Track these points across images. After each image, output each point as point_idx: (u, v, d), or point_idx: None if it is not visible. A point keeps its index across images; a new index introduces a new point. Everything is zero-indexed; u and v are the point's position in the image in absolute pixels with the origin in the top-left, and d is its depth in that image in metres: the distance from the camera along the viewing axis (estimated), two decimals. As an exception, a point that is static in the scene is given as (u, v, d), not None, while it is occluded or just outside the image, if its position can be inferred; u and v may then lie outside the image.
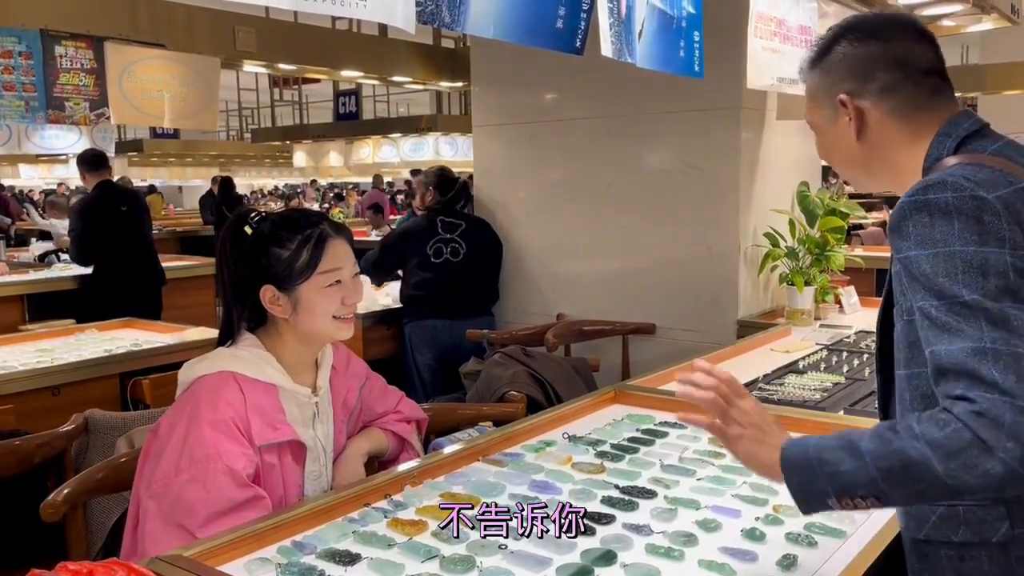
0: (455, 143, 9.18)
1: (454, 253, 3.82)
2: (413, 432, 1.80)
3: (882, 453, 0.99)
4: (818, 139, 1.30)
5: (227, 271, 1.53)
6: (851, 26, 1.25)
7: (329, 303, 1.51)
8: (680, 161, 3.39)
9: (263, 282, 1.49)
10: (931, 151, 1.18)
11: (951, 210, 1.02)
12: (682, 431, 1.89)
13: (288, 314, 1.51)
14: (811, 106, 1.28)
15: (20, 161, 13.03)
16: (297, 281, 1.49)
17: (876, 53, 1.21)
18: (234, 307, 1.53)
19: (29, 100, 3.55)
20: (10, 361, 2.93)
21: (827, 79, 1.24)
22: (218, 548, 1.27)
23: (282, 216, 1.56)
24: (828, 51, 1.24)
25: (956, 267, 1.00)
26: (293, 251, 1.49)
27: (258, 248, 1.50)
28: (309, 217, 1.56)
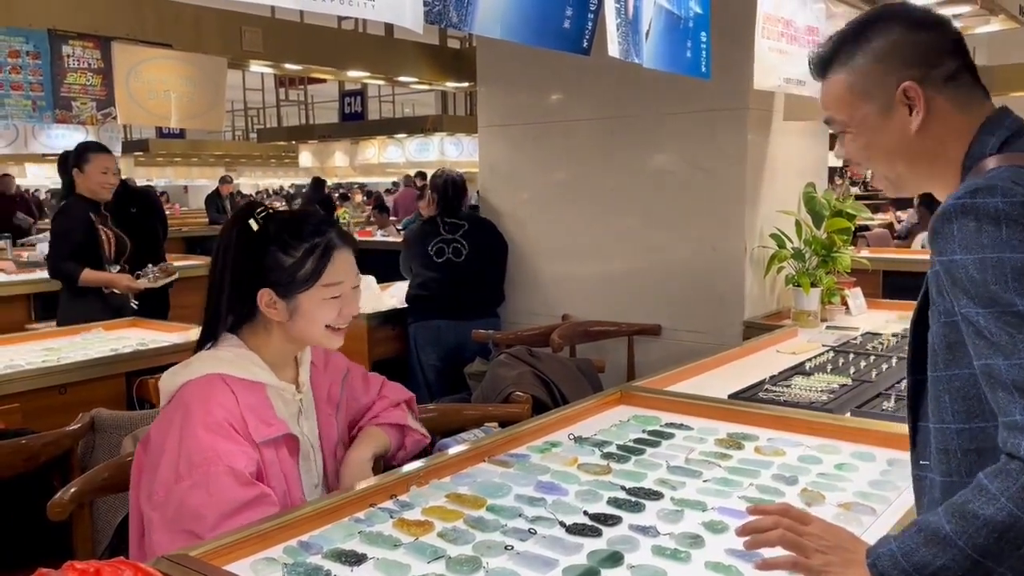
0: (460, 143, 9.19)
1: (456, 253, 3.83)
2: (407, 414, 1.78)
3: (970, 531, 0.94)
4: (855, 137, 1.20)
5: (226, 268, 1.49)
6: (894, 13, 1.18)
7: (326, 314, 1.50)
8: (686, 162, 3.38)
9: (262, 285, 1.47)
10: (973, 149, 1.13)
11: (1000, 215, 0.98)
12: (688, 432, 1.89)
13: (283, 319, 1.49)
14: (851, 100, 1.18)
15: (27, 161, 13.07)
16: (298, 290, 1.47)
17: (937, 39, 1.16)
18: (226, 305, 1.50)
19: (36, 100, 3.56)
20: (16, 360, 2.94)
21: (881, 67, 1.16)
22: (224, 548, 1.26)
23: (289, 219, 1.52)
24: (866, 40, 1.17)
25: (1005, 274, 0.96)
26: (297, 259, 1.47)
27: (261, 250, 1.47)
28: (317, 224, 1.51)
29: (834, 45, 1.22)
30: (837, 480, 1.58)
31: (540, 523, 1.39)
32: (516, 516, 1.42)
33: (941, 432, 1.12)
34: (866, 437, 1.81)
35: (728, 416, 1.99)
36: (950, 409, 1.11)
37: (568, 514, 1.43)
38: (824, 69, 1.23)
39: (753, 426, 1.92)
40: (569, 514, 1.43)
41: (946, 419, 1.11)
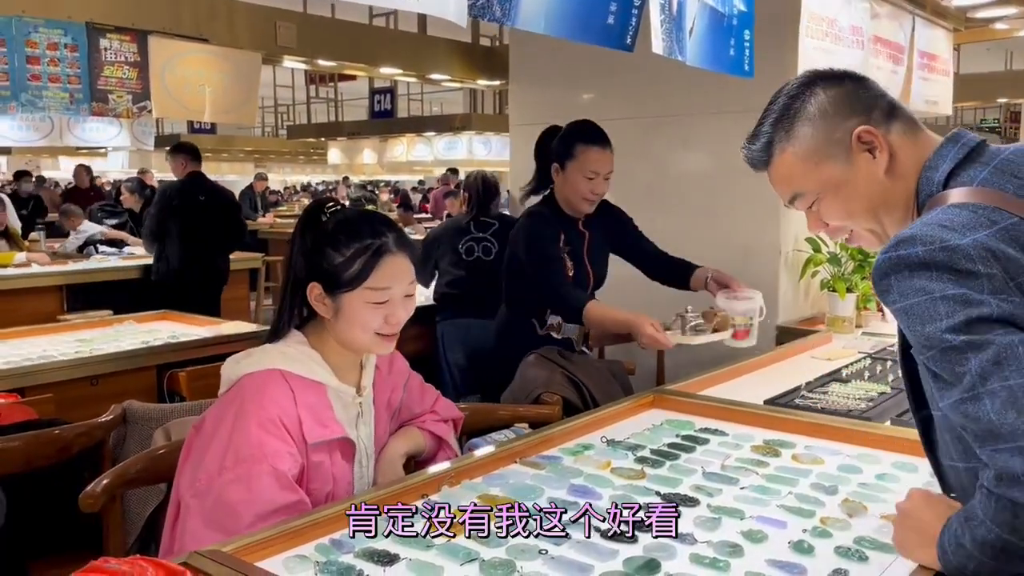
0: (489, 142, 9.18)
1: (486, 252, 3.82)
2: (450, 432, 1.79)
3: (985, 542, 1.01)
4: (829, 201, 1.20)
5: (290, 263, 1.50)
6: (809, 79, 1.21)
7: (371, 319, 1.47)
8: (721, 163, 3.34)
9: (312, 279, 1.47)
10: (921, 186, 1.14)
11: (925, 263, 1.01)
12: (723, 438, 1.85)
13: (331, 316, 1.49)
14: (810, 167, 1.18)
15: (60, 153, 13.26)
16: (343, 289, 1.46)
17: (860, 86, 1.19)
18: (288, 300, 1.51)
19: (74, 92, 3.60)
20: (50, 351, 2.96)
21: (825, 125, 1.17)
22: (256, 544, 1.25)
23: (349, 217, 1.51)
24: (798, 110, 1.19)
25: (938, 310, 1.00)
26: (347, 258, 1.45)
27: (316, 244, 1.47)
28: (375, 225, 1.49)
29: (768, 128, 1.22)
30: (879, 491, 1.54)
31: (574, 527, 1.36)
32: (549, 519, 1.40)
33: (954, 470, 1.15)
34: (907, 447, 1.76)
35: (764, 422, 1.95)
36: (952, 448, 1.13)
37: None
38: (767, 154, 1.23)
39: (790, 433, 1.88)
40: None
41: (954, 457, 1.13)
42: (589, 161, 2.50)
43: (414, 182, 19.86)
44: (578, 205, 2.57)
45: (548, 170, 2.60)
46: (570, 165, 2.52)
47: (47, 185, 14.29)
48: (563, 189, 2.56)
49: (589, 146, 2.51)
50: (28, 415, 2.13)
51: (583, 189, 2.52)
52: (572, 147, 2.52)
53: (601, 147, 2.53)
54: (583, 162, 2.51)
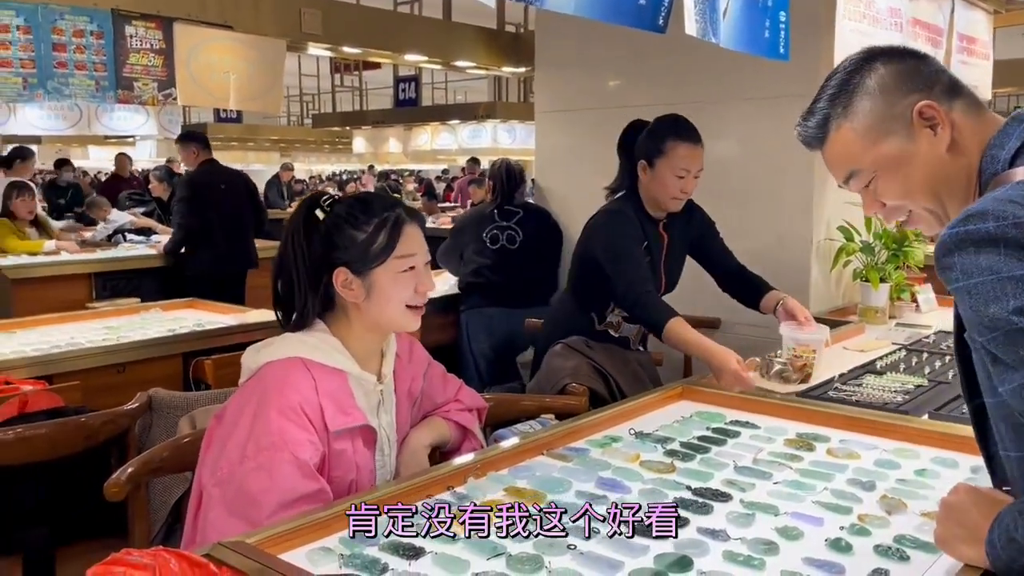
0: (513, 130, 9.13)
1: (510, 240, 3.79)
2: (475, 421, 1.77)
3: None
4: (887, 179, 1.15)
5: (300, 254, 1.48)
6: (870, 55, 1.17)
7: (403, 290, 1.48)
8: (751, 150, 3.28)
9: (337, 265, 1.46)
10: (985, 165, 1.10)
11: (995, 239, 0.96)
12: (755, 431, 1.81)
13: (360, 299, 1.48)
14: (868, 144, 1.14)
15: (89, 142, 13.39)
16: (373, 264, 1.46)
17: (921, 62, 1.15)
18: (307, 291, 1.48)
19: (99, 80, 3.60)
20: (77, 338, 2.98)
21: (884, 100, 1.13)
22: (280, 536, 1.24)
23: (358, 199, 1.53)
24: (857, 85, 1.15)
25: (1005, 290, 0.94)
26: (369, 233, 1.46)
27: (334, 229, 1.46)
28: (384, 201, 1.53)
29: (825, 104, 1.18)
30: (918, 487, 1.49)
31: (603, 522, 1.34)
32: (578, 513, 1.37)
33: (1008, 461, 1.10)
34: (947, 442, 1.71)
35: (797, 415, 1.91)
36: (1007, 437, 1.08)
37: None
38: (823, 131, 1.18)
39: (824, 426, 1.84)
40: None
41: (1008, 447, 1.09)
42: (680, 158, 2.39)
43: (438, 171, 19.85)
44: (666, 204, 2.47)
45: (632, 167, 2.50)
46: (660, 162, 2.40)
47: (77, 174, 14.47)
48: (651, 187, 2.46)
49: (680, 142, 2.40)
50: (55, 402, 2.14)
51: (672, 187, 2.41)
52: (662, 143, 2.41)
53: (693, 143, 2.42)
54: (673, 159, 2.39)
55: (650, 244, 2.51)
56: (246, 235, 5.27)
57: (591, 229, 2.54)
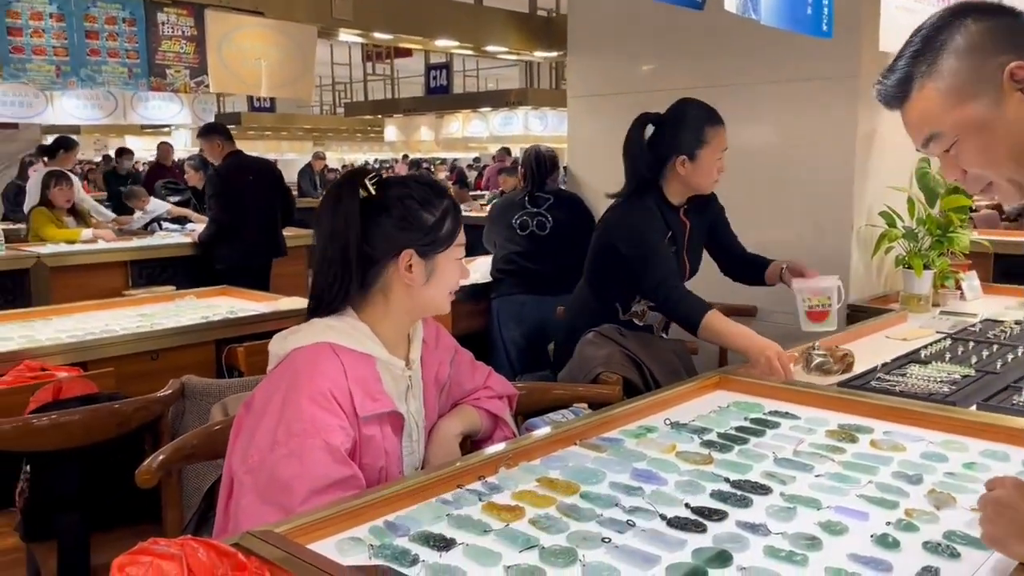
0: (545, 117, 9.05)
1: (540, 226, 3.75)
2: (506, 408, 1.74)
3: None
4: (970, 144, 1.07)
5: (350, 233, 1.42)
6: (959, 10, 1.09)
7: (454, 276, 1.51)
8: (789, 134, 3.20)
9: (404, 246, 1.44)
10: None
11: None
12: (795, 422, 1.76)
13: (418, 282, 1.47)
14: (952, 106, 1.06)
15: (127, 132, 13.57)
16: (439, 249, 1.47)
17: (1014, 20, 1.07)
18: (352, 273, 1.44)
19: (132, 67, 3.62)
20: (112, 325, 3.00)
21: (973, 60, 1.05)
22: (310, 525, 1.22)
23: (421, 181, 1.53)
24: (944, 42, 1.07)
25: None
26: (438, 218, 1.47)
27: (405, 209, 1.45)
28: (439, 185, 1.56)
29: (907, 62, 1.10)
30: (968, 481, 1.43)
31: (638, 514, 1.30)
32: (612, 505, 1.33)
33: None
34: (996, 434, 1.64)
35: (838, 406, 1.85)
36: None
37: (668, 506, 1.33)
38: (903, 90, 1.10)
39: (866, 417, 1.78)
40: (669, 506, 1.33)
41: None
42: (720, 141, 2.44)
43: (470, 159, 19.83)
44: (707, 188, 2.51)
45: (655, 162, 2.47)
46: (703, 152, 2.43)
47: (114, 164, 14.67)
48: (693, 178, 2.46)
49: (717, 126, 2.45)
50: (88, 389, 2.15)
51: (714, 171, 2.46)
52: (702, 133, 2.43)
53: (722, 124, 2.47)
54: (715, 144, 2.44)
55: (674, 233, 2.51)
56: (275, 225, 5.29)
57: (611, 224, 2.52)
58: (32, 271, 4.81)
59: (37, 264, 4.82)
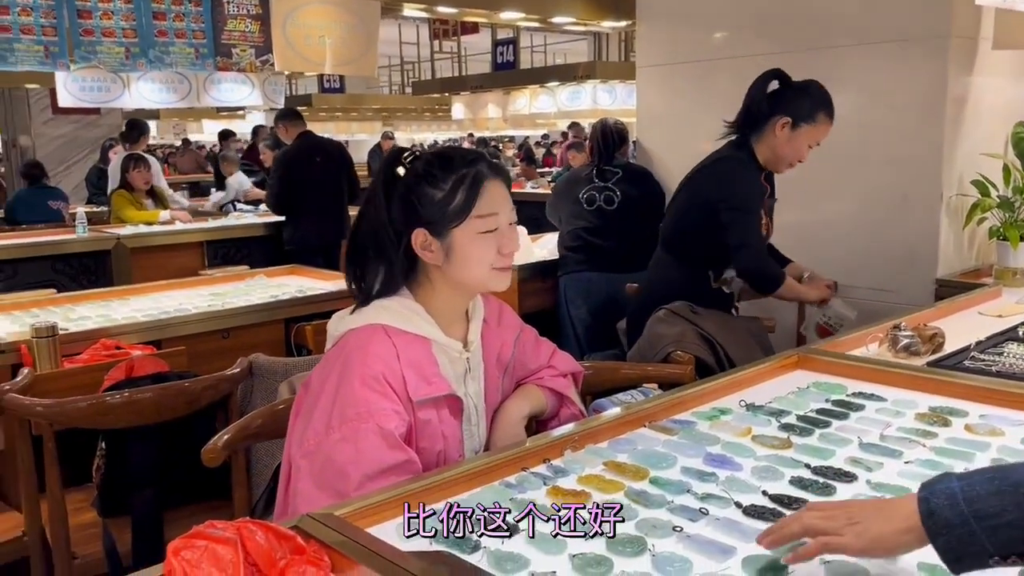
0: (614, 91, 8.86)
1: (608, 201, 3.65)
2: (571, 386, 1.67)
3: None
4: None
5: (380, 215, 1.40)
6: None
7: (484, 251, 1.39)
8: (873, 101, 3.02)
9: (415, 225, 1.38)
10: None
11: None
12: (881, 404, 1.65)
13: (440, 261, 1.40)
14: None
15: (203, 116, 13.91)
16: (451, 225, 1.37)
17: None
18: (392, 255, 1.41)
19: (199, 47, 3.65)
20: (185, 304, 3.06)
21: None
22: (369, 509, 1.19)
23: (437, 154, 1.43)
24: None
25: None
26: (447, 192, 1.37)
27: (410, 188, 1.38)
28: (465, 156, 1.42)
29: None
30: (1076, 470, 1.31)
31: (712, 502, 1.23)
32: (683, 492, 1.27)
33: None
34: (1107, 419, 1.51)
35: (928, 386, 1.73)
36: None
37: (744, 493, 1.26)
38: None
39: (960, 399, 1.66)
40: (746, 493, 1.26)
41: None
42: (821, 133, 2.45)
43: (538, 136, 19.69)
44: (781, 166, 2.50)
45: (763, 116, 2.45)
46: (805, 127, 2.42)
47: (192, 147, 15.08)
48: (781, 146, 2.44)
49: (828, 119, 2.44)
50: (159, 367, 2.18)
51: (800, 155, 2.46)
52: (816, 113, 2.42)
53: (832, 120, 2.47)
54: (817, 132, 2.44)
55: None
56: (341, 206, 5.33)
57: (717, 176, 2.47)
58: (113, 252, 4.97)
59: (118, 245, 4.97)
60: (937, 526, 0.88)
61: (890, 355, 1.97)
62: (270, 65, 3.92)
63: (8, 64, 3.28)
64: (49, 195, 6.59)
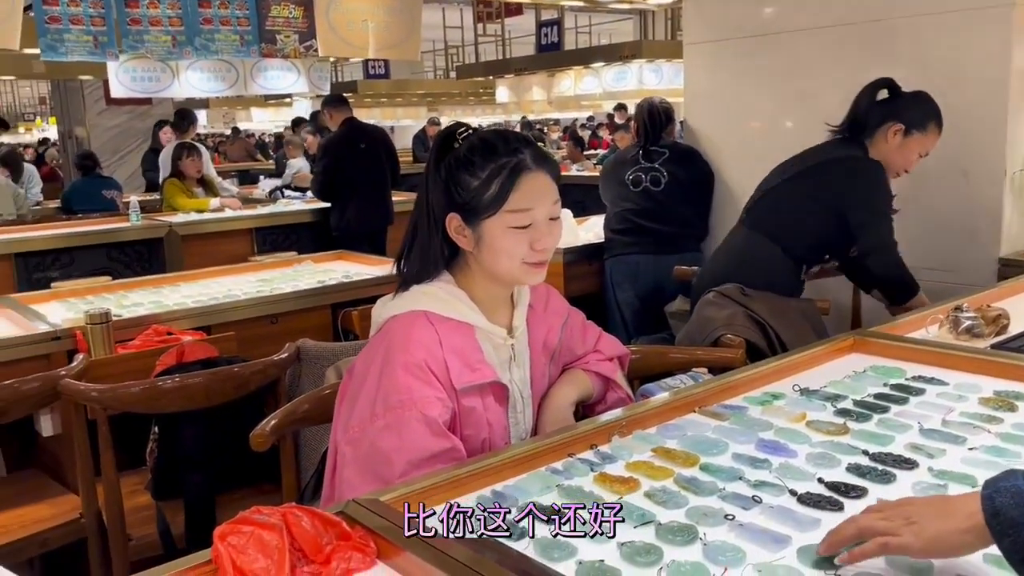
0: (660, 71, 8.72)
1: (654, 182, 3.59)
2: (617, 370, 1.64)
3: None
4: None
5: (422, 195, 1.39)
6: None
7: (515, 246, 1.34)
8: (931, 73, 2.90)
9: (450, 209, 1.36)
10: None
11: None
12: (942, 388, 1.59)
13: (472, 248, 1.37)
14: None
15: (251, 104, 14.09)
16: (482, 215, 1.33)
17: None
18: (431, 236, 1.40)
19: (243, 34, 3.69)
20: (234, 290, 3.09)
21: None
22: (415, 494, 1.18)
23: (483, 138, 1.38)
24: None
25: None
26: (482, 181, 1.32)
27: (450, 171, 1.35)
28: (509, 142, 1.36)
29: None
30: None
31: (765, 489, 1.20)
32: (735, 479, 1.23)
33: None
34: None
35: (992, 370, 1.66)
36: None
37: (799, 480, 1.22)
38: None
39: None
40: (800, 480, 1.22)
41: None
42: (931, 142, 2.47)
43: (583, 119, 19.52)
44: (890, 174, 2.48)
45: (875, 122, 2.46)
46: (916, 135, 2.44)
47: (242, 136, 15.30)
48: (892, 152, 2.45)
49: (938, 130, 2.46)
50: (209, 352, 2.21)
51: (907, 164, 2.48)
52: (927, 122, 2.45)
53: (941, 132, 2.49)
54: (926, 141, 2.46)
55: None
56: (386, 192, 5.36)
57: (855, 175, 2.45)
58: (166, 239, 5.07)
59: (170, 233, 5.07)
60: (1003, 526, 0.83)
61: (951, 337, 1.89)
62: (314, 51, 3.94)
63: (59, 54, 3.35)
64: (103, 185, 6.74)
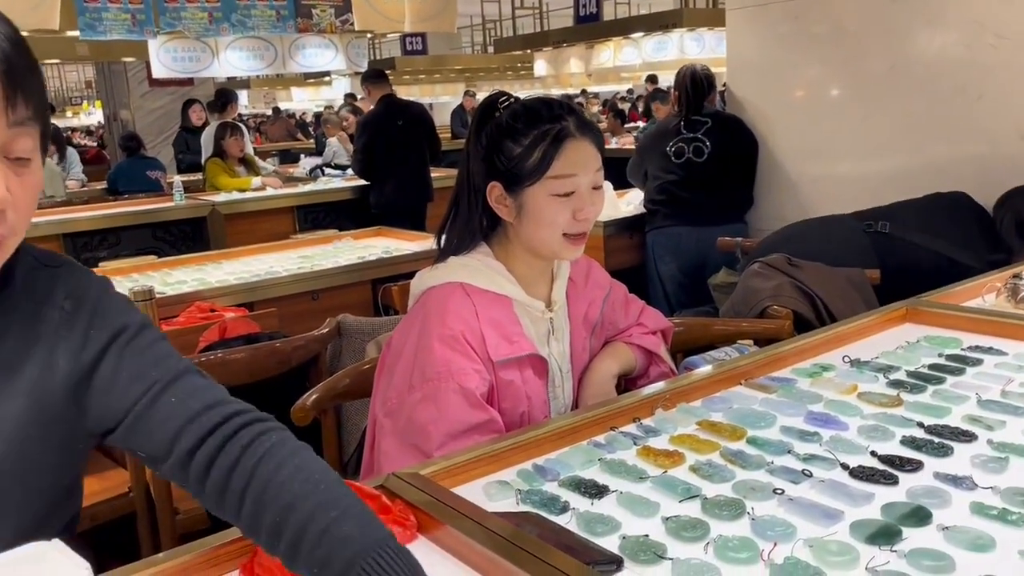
0: (702, 39, 8.54)
1: (697, 152, 3.51)
2: (660, 343, 1.61)
3: None
4: None
5: (464, 164, 1.37)
6: None
7: (557, 214, 1.32)
8: (983, 32, 2.78)
9: (492, 178, 1.33)
10: None
11: None
12: (1001, 358, 1.53)
13: (512, 218, 1.35)
14: None
15: (291, 84, 14.19)
16: (525, 183, 1.31)
17: None
18: (468, 206, 1.38)
19: (279, 10, 3.68)
20: (276, 267, 3.12)
21: None
22: (455, 468, 1.17)
23: (525, 105, 1.36)
24: None
25: None
26: (525, 147, 1.30)
27: (492, 139, 1.33)
28: (553, 110, 1.34)
29: None
30: None
31: (815, 463, 1.16)
32: (784, 452, 1.20)
33: None
34: None
35: (1054, 340, 1.59)
36: None
37: (851, 454, 1.18)
38: None
39: (1091, 353, 1.52)
40: (852, 454, 1.18)
41: None
42: None
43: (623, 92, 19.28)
44: None
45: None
46: None
47: (283, 116, 15.43)
48: None
49: None
50: (251, 328, 2.23)
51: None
52: None
53: None
54: None
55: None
56: (425, 168, 5.35)
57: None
58: (209, 218, 5.13)
59: (213, 212, 5.13)
60: None
61: (1009, 306, 1.82)
62: (350, 25, 3.92)
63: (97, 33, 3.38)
64: (147, 165, 6.84)
